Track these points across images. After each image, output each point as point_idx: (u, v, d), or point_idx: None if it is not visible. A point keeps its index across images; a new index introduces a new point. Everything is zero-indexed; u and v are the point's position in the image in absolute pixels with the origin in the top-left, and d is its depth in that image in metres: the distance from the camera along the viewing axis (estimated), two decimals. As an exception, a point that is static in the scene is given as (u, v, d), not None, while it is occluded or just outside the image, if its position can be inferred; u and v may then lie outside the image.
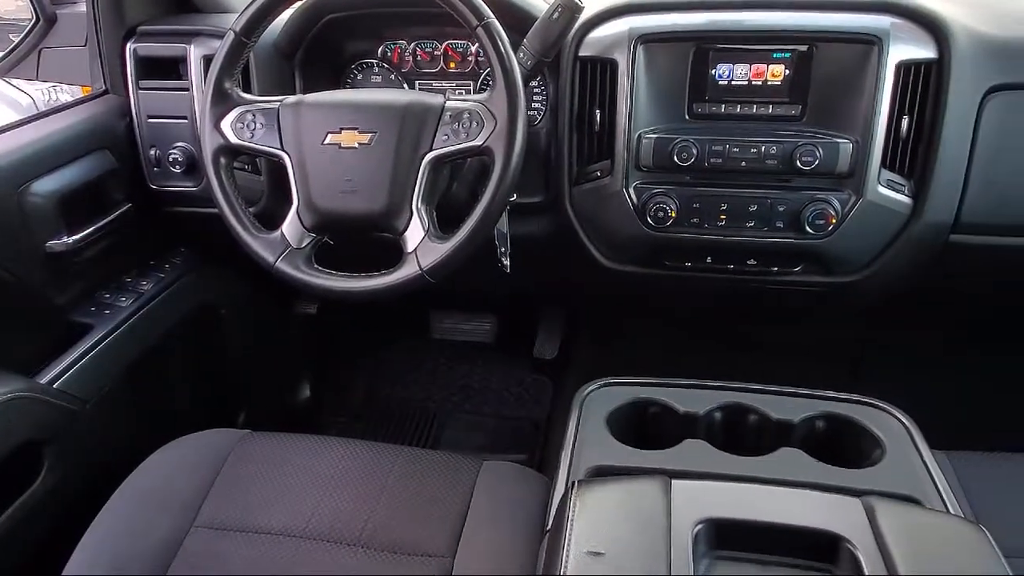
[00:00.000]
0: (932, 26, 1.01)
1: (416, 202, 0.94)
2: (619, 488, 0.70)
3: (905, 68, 1.00)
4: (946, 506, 0.72)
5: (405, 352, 1.88)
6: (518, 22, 1.03)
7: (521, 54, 1.00)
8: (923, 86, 1.01)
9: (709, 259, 1.14)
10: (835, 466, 0.80)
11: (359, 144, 0.95)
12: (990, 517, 0.87)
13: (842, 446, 0.85)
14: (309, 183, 0.96)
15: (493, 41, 0.90)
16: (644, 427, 0.90)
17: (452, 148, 0.93)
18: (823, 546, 0.63)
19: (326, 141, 0.95)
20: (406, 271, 0.94)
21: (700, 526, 0.64)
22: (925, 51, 1.01)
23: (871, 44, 1.00)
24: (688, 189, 1.09)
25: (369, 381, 1.86)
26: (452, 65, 1.24)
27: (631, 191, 1.10)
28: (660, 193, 1.09)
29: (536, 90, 1.18)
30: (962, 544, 0.62)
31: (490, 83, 0.93)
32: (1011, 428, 1.37)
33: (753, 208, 1.07)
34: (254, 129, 0.98)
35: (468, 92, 1.24)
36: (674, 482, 0.69)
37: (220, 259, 1.38)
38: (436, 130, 0.93)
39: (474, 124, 0.92)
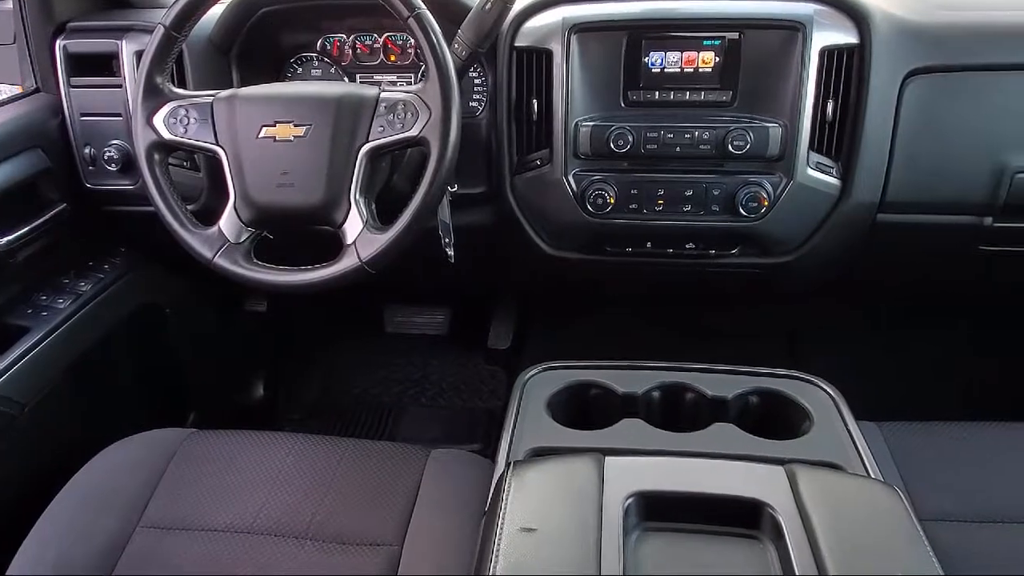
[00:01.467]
0: (853, 12, 1.05)
1: (354, 194, 0.94)
2: (554, 467, 0.71)
3: (829, 53, 1.04)
4: (867, 471, 0.75)
5: (359, 347, 1.88)
6: (452, 13, 1.04)
7: (456, 45, 1.01)
8: (846, 70, 1.05)
9: (649, 244, 1.16)
10: (767, 438, 0.83)
11: (294, 137, 0.94)
12: (917, 482, 0.91)
13: (774, 419, 0.88)
14: (245, 177, 0.96)
15: (425, 32, 0.91)
16: (585, 409, 0.92)
17: (388, 139, 0.94)
18: (747, 513, 0.65)
19: (261, 135, 0.95)
20: (346, 263, 0.94)
21: (630, 499, 0.66)
22: (847, 36, 1.04)
23: (796, 30, 1.03)
24: (626, 175, 1.11)
25: (323, 378, 1.85)
26: (392, 58, 1.24)
27: (570, 179, 1.11)
28: (599, 180, 1.10)
29: (476, 81, 1.19)
30: (876, 504, 0.65)
31: (424, 74, 0.94)
32: (943, 400, 1.43)
33: (689, 193, 1.10)
34: (187, 124, 0.98)
35: (408, 85, 1.24)
36: (607, 459, 0.70)
37: (163, 258, 1.36)
38: (372, 121, 0.94)
39: (409, 115, 0.93)
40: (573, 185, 1.11)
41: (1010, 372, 1.59)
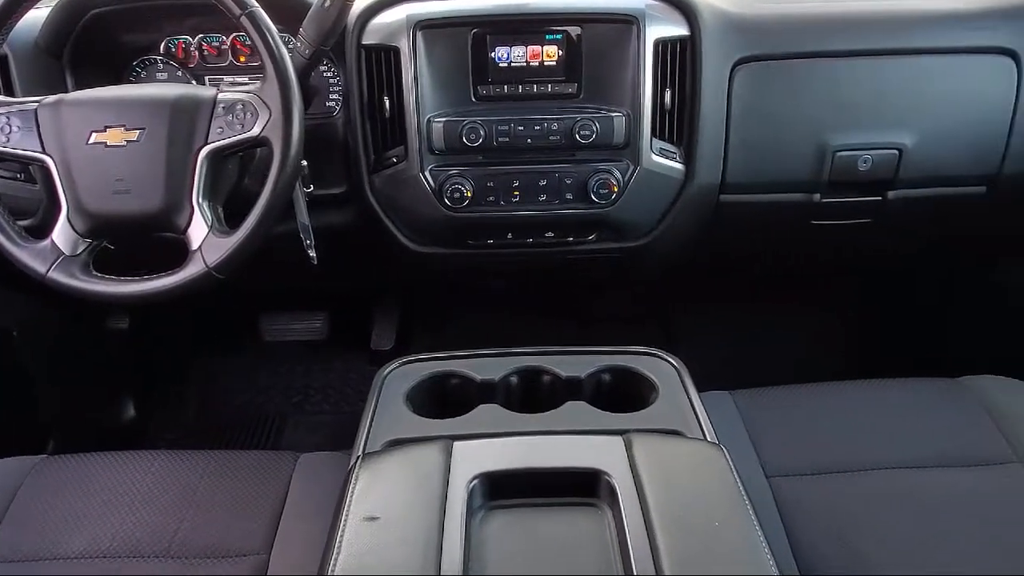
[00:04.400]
0: (682, 6, 1.11)
1: (196, 198, 0.92)
2: (402, 456, 0.72)
3: (662, 45, 1.09)
4: (704, 435, 0.80)
5: (236, 359, 1.82)
6: (292, 11, 1.02)
7: (298, 43, 1.00)
8: (680, 61, 1.11)
9: (510, 235, 1.19)
10: (618, 412, 0.87)
11: (127, 142, 0.91)
12: (764, 443, 0.98)
13: (625, 394, 0.92)
14: (77, 186, 0.92)
15: (258, 30, 0.90)
16: (447, 399, 0.93)
17: (228, 140, 0.92)
18: (586, 482, 0.69)
19: (91, 140, 0.91)
20: (191, 269, 0.92)
21: (475, 481, 0.67)
22: (678, 28, 1.10)
23: (630, 24, 1.08)
24: (481, 169, 1.13)
25: (200, 393, 1.78)
26: (241, 59, 1.21)
27: (427, 174, 1.12)
28: (455, 174, 1.12)
29: (332, 80, 1.18)
30: (701, 463, 0.69)
31: (262, 74, 0.92)
32: (788, 365, 1.54)
33: (543, 183, 1.13)
34: (9, 133, 0.93)
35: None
36: (455, 444, 0.72)
37: (4, 279, 1.27)
38: (210, 123, 0.92)
39: (248, 115, 0.92)
40: (430, 181, 1.12)
41: (859, 334, 1.73)
